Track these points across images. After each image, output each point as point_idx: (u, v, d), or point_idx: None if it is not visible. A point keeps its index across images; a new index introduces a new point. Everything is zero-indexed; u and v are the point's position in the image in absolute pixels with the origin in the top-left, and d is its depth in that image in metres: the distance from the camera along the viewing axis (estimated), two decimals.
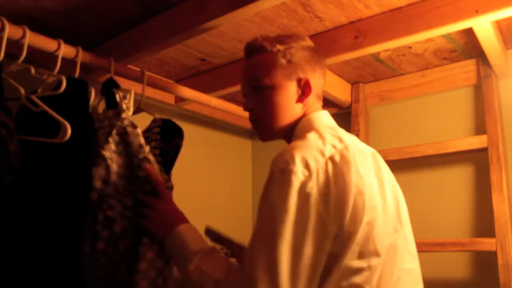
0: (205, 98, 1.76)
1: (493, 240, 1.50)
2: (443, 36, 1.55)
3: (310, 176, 0.85)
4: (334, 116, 2.14)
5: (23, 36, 1.10)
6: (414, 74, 1.88)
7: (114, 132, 1.14)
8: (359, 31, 1.44)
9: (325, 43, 1.50)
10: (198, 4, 1.25)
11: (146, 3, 1.30)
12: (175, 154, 1.33)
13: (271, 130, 1.06)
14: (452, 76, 1.80)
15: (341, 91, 1.95)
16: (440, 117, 1.85)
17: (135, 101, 1.35)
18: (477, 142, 1.63)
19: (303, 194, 0.84)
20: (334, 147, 0.92)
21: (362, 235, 0.86)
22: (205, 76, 1.84)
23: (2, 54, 1.04)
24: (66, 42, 1.19)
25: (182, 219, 1.09)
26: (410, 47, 1.65)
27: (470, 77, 1.76)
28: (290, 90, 1.04)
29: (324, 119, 1.06)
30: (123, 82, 1.33)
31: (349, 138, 0.99)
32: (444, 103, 1.85)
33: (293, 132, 1.04)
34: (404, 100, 1.94)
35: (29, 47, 1.12)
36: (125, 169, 1.14)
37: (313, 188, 0.84)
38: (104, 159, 1.11)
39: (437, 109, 1.86)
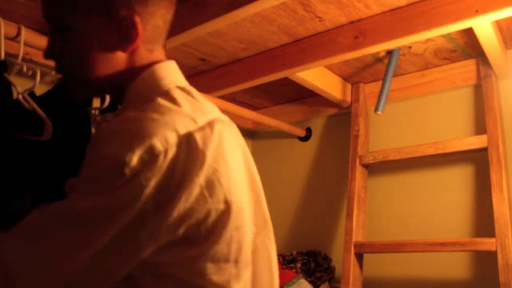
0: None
1: (493, 240, 1.49)
2: (443, 36, 1.55)
3: (151, 162, 0.60)
4: (334, 116, 2.19)
5: (19, 34, 1.09)
6: (414, 74, 1.88)
7: None
8: (359, 31, 1.44)
9: (325, 43, 1.50)
10: (198, 4, 1.25)
11: None
12: None
13: (80, 87, 0.78)
14: (452, 76, 1.79)
15: (341, 91, 1.95)
16: (440, 117, 1.85)
17: None
18: (477, 142, 1.63)
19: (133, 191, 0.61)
20: (194, 120, 0.67)
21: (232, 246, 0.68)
22: (205, 76, 1.83)
23: (3, 54, 1.04)
24: None
25: None
26: (410, 47, 1.65)
27: (470, 77, 1.76)
28: (103, 32, 0.73)
29: (173, 74, 0.77)
30: None
31: (211, 108, 0.74)
32: (444, 103, 1.85)
33: (127, 89, 0.75)
34: (404, 100, 1.94)
35: (30, 47, 1.11)
36: None
37: (151, 179, 0.60)
38: None
39: (437, 109, 1.86)
